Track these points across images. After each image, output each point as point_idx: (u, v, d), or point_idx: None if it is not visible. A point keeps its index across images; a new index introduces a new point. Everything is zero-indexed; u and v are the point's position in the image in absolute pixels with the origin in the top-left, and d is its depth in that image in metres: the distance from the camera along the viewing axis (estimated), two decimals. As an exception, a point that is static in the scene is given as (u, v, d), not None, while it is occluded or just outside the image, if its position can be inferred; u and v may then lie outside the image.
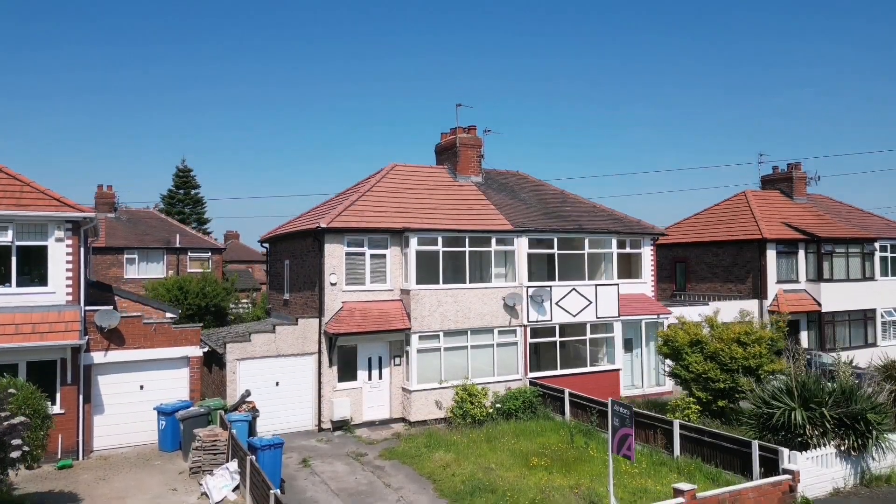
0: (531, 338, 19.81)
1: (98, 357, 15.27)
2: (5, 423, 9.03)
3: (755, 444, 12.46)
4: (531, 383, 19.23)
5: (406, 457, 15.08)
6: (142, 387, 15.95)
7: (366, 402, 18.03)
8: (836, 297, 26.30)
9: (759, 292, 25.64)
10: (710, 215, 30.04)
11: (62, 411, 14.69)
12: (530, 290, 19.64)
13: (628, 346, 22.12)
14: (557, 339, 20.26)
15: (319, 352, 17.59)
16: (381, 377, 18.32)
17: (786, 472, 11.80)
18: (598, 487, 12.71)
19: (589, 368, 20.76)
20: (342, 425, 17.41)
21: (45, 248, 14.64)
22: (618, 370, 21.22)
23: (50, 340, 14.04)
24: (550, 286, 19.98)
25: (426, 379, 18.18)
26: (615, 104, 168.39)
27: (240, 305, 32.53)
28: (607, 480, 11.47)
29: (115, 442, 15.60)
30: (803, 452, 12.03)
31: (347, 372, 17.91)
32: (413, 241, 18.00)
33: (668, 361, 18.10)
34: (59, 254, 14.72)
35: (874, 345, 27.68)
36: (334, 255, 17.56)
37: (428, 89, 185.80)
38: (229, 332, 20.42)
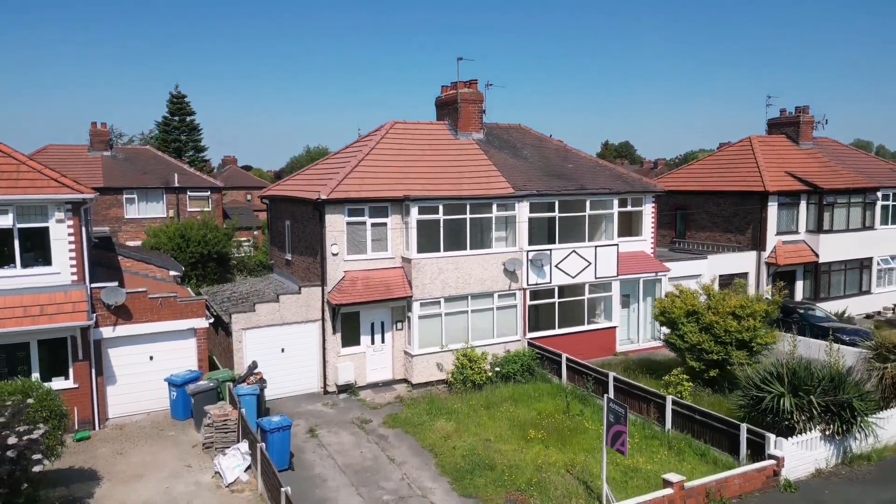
0: (530, 300, 20.15)
1: (107, 332, 15.62)
2: (25, 438, 9.42)
3: (743, 427, 12.99)
4: (529, 344, 19.74)
5: (409, 425, 15.73)
6: (151, 357, 16.40)
7: (369, 365, 18.57)
8: (833, 248, 26.50)
9: (757, 244, 25.79)
10: (713, 161, 29.77)
11: (76, 386, 15.20)
12: (531, 255, 19.79)
13: (625, 301, 22.49)
14: (556, 300, 20.61)
15: (323, 319, 17.95)
16: (383, 341, 18.78)
17: (771, 457, 12.39)
18: (592, 465, 13.35)
19: (586, 327, 21.22)
20: (347, 388, 18.03)
21: (46, 229, 14.65)
22: (614, 327, 21.71)
23: (59, 322, 14.34)
24: (550, 249, 20.12)
25: (427, 343, 18.65)
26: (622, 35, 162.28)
27: (241, 249, 32.68)
28: (601, 457, 12.05)
29: (128, 410, 16.23)
30: (789, 439, 12.57)
31: (351, 337, 18.35)
32: (414, 211, 17.98)
33: (665, 329, 18.50)
34: (61, 234, 14.77)
35: (868, 292, 28.20)
36: (335, 225, 17.59)
37: (430, 43, 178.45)
38: (233, 293, 20.74)
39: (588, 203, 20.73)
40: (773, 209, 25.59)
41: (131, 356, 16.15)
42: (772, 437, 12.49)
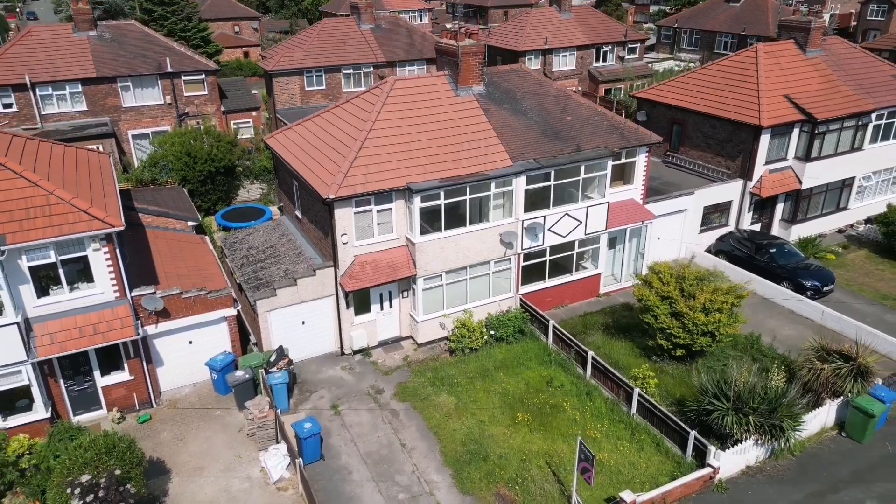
0: (524, 261, 22.06)
1: (151, 329, 17.83)
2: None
3: (692, 435, 15.85)
4: (521, 303, 22.06)
5: (416, 398, 18.66)
6: (191, 342, 18.82)
7: (379, 328, 21.07)
8: (818, 174, 27.60)
9: (745, 173, 26.85)
10: (715, 74, 29.33)
11: (131, 377, 17.83)
12: (526, 223, 21.26)
13: (612, 243, 24.33)
14: (548, 258, 22.50)
15: (337, 294, 20.05)
16: (391, 307, 21.07)
17: (709, 465, 15.42)
18: (568, 456, 16.46)
19: (574, 277, 23.39)
20: (361, 351, 20.73)
21: (85, 256, 16.15)
22: (599, 274, 23.87)
23: (112, 340, 16.50)
24: (545, 216, 21.51)
25: (430, 309, 20.96)
26: None
27: (244, 158, 33.30)
28: (574, 445, 15.18)
29: (177, 384, 19.07)
30: (726, 451, 15.50)
31: (362, 306, 20.59)
32: (416, 200, 19.14)
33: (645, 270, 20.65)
34: (99, 260, 16.29)
35: (845, 208, 29.84)
36: (344, 217, 18.90)
37: None
38: (250, 249, 22.33)
39: (583, 167, 21.63)
40: (764, 141, 26.23)
41: (174, 343, 18.56)
42: (713, 448, 15.41)
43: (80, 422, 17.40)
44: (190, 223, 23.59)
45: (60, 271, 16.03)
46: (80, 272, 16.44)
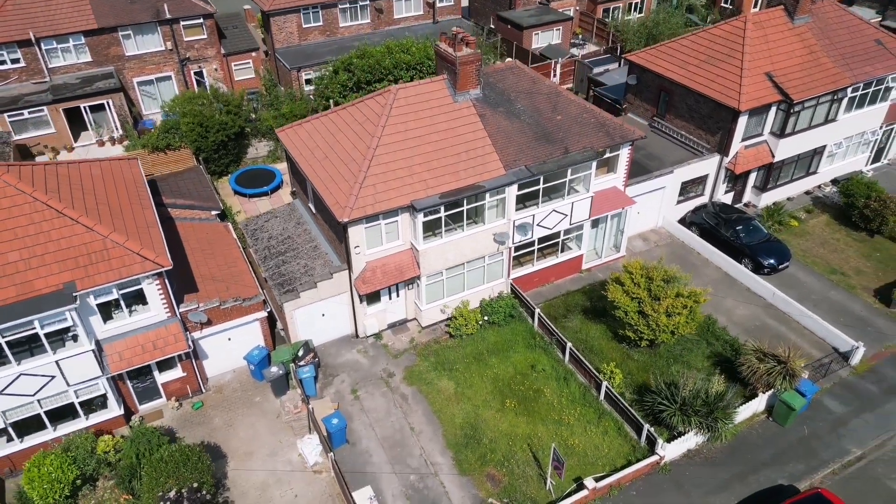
0: (514, 252, 24.92)
1: (197, 335, 21.10)
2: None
3: (646, 427, 19.70)
4: (512, 289, 25.23)
5: (422, 383, 22.36)
6: (230, 339, 22.15)
7: (388, 313, 24.35)
8: (791, 148, 29.71)
9: (723, 149, 28.94)
10: (705, 40, 30.22)
11: (184, 374, 21.36)
12: (517, 222, 23.88)
13: (595, 223, 27.00)
14: (536, 247, 25.35)
15: (351, 291, 23.12)
16: (398, 296, 24.22)
17: (657, 453, 19.41)
18: (548, 437, 20.40)
19: (559, 259, 26.37)
20: (373, 335, 24.19)
21: (140, 289, 19.03)
22: (581, 255, 26.82)
23: (169, 353, 19.80)
24: (534, 214, 24.07)
25: (432, 298, 24.13)
26: None
27: (251, 119, 34.68)
28: (556, 430, 19.28)
29: (219, 371, 22.66)
30: (671, 442, 19.41)
31: (373, 298, 23.71)
32: (419, 215, 21.67)
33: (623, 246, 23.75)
34: (152, 290, 19.19)
35: (815, 172, 32.19)
36: (356, 232, 21.48)
37: None
38: (270, 238, 24.98)
39: (570, 169, 23.86)
40: (742, 121, 28.05)
41: (216, 341, 21.89)
42: (661, 441, 19.31)
43: (144, 410, 21.17)
44: (213, 212, 26.07)
45: (121, 302, 18.95)
46: (136, 297, 19.37)
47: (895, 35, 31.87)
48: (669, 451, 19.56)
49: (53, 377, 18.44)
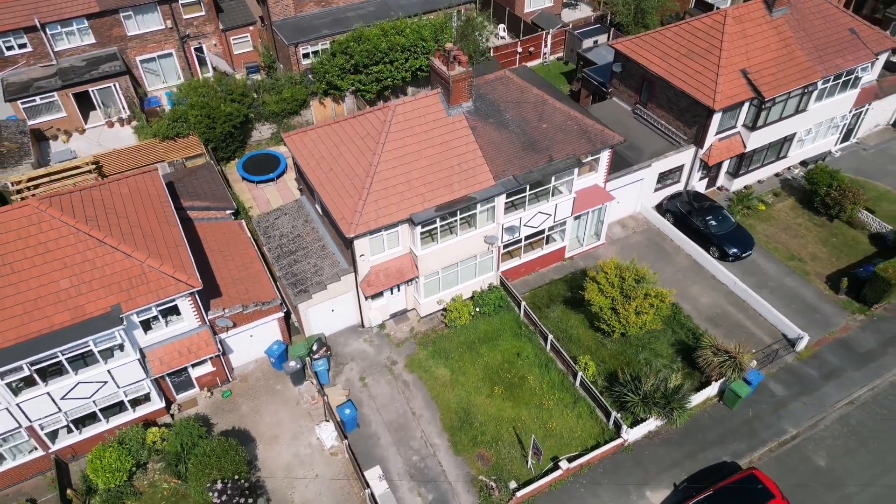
0: (503, 250, 27.62)
1: (223, 336, 24.10)
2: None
3: (614, 414, 23.13)
4: (501, 280, 28.10)
5: (421, 370, 25.59)
6: (251, 336, 25.15)
7: (390, 305, 27.30)
8: (762, 138, 31.86)
9: (698, 142, 31.10)
10: (686, 33, 31.64)
11: (214, 369, 24.49)
12: (505, 225, 26.45)
13: (577, 217, 29.58)
14: (522, 243, 28.04)
15: (357, 290, 25.96)
16: (399, 291, 27.09)
17: (622, 437, 22.91)
18: (529, 422, 23.85)
19: (544, 251, 29.10)
20: (377, 326, 27.24)
21: (176, 305, 21.84)
22: (564, 246, 29.54)
23: (202, 356, 22.83)
24: (521, 217, 26.60)
25: (430, 293, 27.01)
26: None
27: (254, 104, 36.19)
28: (537, 414, 22.84)
29: (243, 361, 25.80)
30: (634, 428, 22.87)
31: (377, 295, 26.58)
32: (417, 227, 24.21)
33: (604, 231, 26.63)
34: (185, 305, 22.00)
35: (785, 157, 34.46)
36: (361, 243, 24.08)
37: None
38: (282, 236, 27.51)
39: (553, 178, 26.21)
40: (717, 118, 30.09)
41: (240, 338, 24.87)
42: (625, 427, 22.77)
43: (181, 399, 24.45)
44: (228, 211, 28.48)
45: (159, 317, 21.79)
46: (171, 310, 22.19)
47: (869, 24, 33.31)
48: (632, 434, 23.05)
49: (106, 382, 21.51)
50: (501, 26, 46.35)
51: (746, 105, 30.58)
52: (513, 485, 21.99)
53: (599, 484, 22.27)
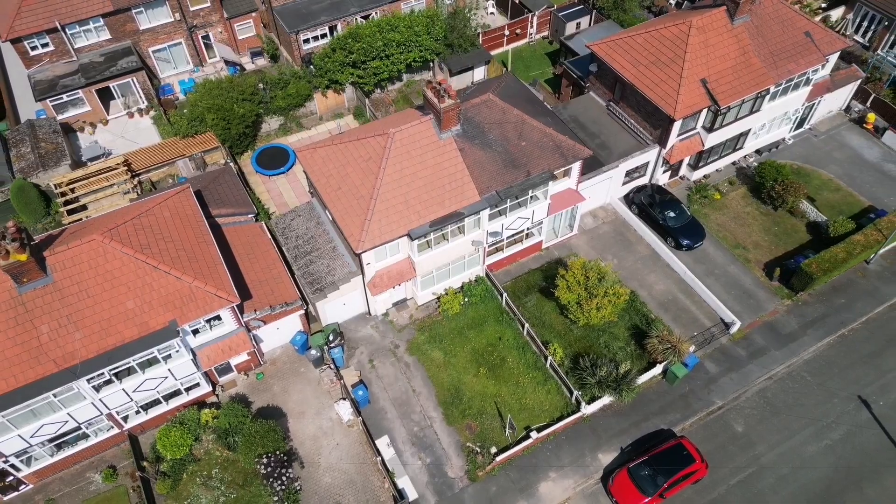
0: (488, 248, 32.37)
1: (256, 332, 29.25)
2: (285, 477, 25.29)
3: (576, 393, 28.74)
4: (487, 273, 33.02)
5: (419, 353, 30.95)
6: (278, 328, 30.29)
7: (393, 296, 32.34)
8: (719, 137, 35.86)
9: (662, 143, 35.15)
10: (654, 40, 34.81)
11: (248, 357, 29.79)
12: (489, 230, 31.08)
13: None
14: (504, 242, 32.74)
15: (364, 287, 30.91)
16: (400, 286, 32.05)
17: (581, 412, 28.59)
18: (509, 399, 29.46)
19: (523, 245, 33.85)
20: (382, 315, 32.40)
21: (219, 315, 26.82)
22: (541, 240, 34.26)
23: (240, 353, 28.01)
24: (503, 223, 31.18)
25: (426, 287, 31.99)
26: None
27: (263, 99, 39.47)
28: (514, 391, 28.42)
29: (272, 347, 31.07)
30: (591, 404, 28.50)
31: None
32: (415, 243, 28.85)
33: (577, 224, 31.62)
34: (226, 313, 26.99)
35: (741, 148, 38.55)
36: (368, 255, 28.81)
37: None
38: (298, 238, 32.11)
39: (530, 192, 30.57)
40: (678, 124, 34.02)
41: (268, 330, 29.98)
42: (584, 404, 28.43)
43: (223, 381, 29.89)
44: (249, 215, 32.90)
45: (206, 324, 26.80)
46: (215, 318, 27.18)
47: (824, 26, 36.48)
48: (590, 409, 28.74)
49: (166, 377, 26.79)
50: (491, 2, 48.73)
51: (704, 112, 34.35)
52: (494, 450, 27.81)
53: (562, 448, 28.15)
